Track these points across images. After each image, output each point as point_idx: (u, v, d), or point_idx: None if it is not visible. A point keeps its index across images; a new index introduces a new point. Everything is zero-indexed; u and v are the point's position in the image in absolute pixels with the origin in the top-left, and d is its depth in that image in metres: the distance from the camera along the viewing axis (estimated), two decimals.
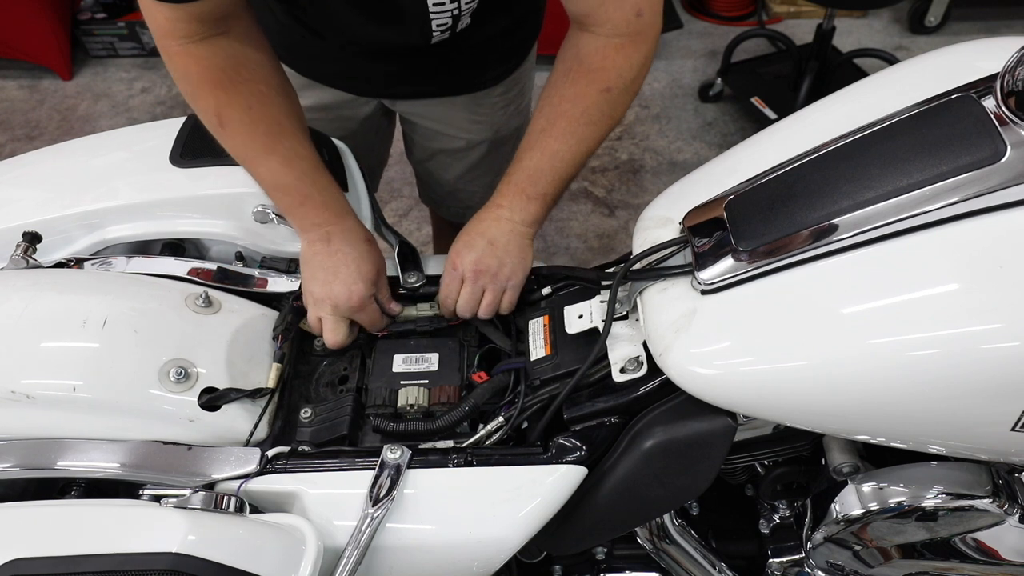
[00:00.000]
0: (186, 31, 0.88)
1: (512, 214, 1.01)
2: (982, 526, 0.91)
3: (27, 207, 1.05)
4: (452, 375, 0.98)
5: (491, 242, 1.00)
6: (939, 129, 0.77)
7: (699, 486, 0.90)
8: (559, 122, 0.98)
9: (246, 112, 0.94)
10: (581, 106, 0.97)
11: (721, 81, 2.86)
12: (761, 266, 0.80)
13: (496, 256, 0.99)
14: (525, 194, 1.00)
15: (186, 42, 0.89)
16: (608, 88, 0.97)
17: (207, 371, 0.90)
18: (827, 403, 0.77)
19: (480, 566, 0.86)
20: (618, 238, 2.47)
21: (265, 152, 0.96)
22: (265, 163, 0.97)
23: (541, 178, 1.00)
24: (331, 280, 0.98)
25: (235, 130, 0.95)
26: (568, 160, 0.99)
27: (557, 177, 1.00)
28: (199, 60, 0.91)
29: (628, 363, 0.89)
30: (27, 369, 0.85)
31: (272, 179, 0.98)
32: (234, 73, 0.93)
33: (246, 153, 0.97)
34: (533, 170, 1.00)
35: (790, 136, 0.92)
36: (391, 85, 1.26)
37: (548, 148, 0.99)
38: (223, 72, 0.92)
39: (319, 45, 1.15)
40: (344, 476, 0.86)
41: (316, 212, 0.99)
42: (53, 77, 3.03)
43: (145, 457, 0.85)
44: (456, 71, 1.22)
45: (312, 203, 0.99)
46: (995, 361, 0.70)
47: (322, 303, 0.98)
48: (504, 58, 1.26)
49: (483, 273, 0.99)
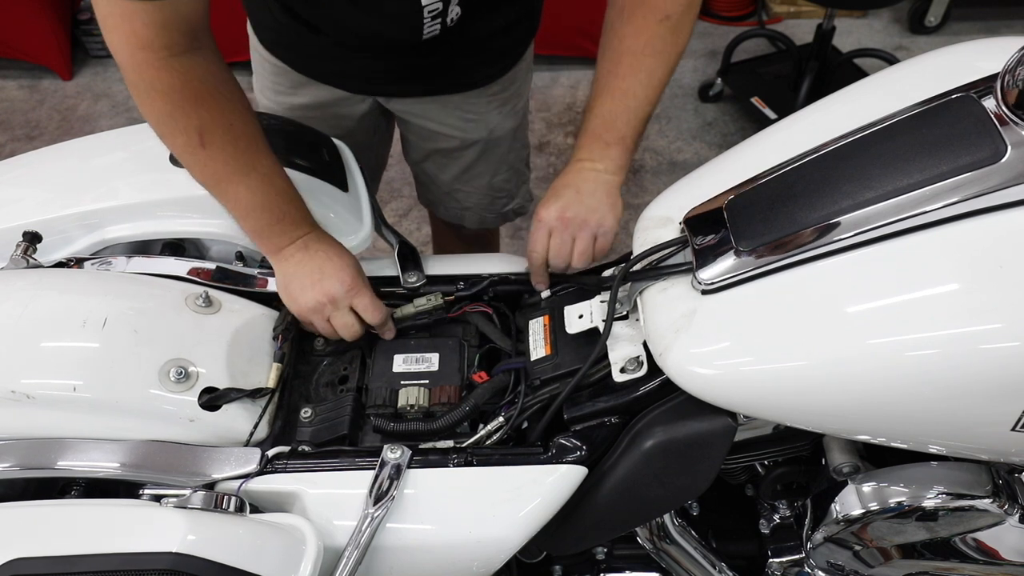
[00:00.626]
0: (166, 40, 0.84)
1: (594, 164, 0.99)
2: (982, 526, 0.91)
3: (27, 207, 1.05)
4: (452, 375, 0.98)
5: (577, 190, 0.99)
6: (939, 129, 0.77)
7: (699, 486, 0.90)
8: (624, 59, 0.97)
9: (228, 130, 0.91)
10: (643, 39, 0.96)
11: (721, 81, 2.86)
12: (761, 266, 0.80)
13: (583, 203, 0.98)
14: (603, 140, 0.99)
15: (167, 55, 0.85)
16: (667, 16, 0.95)
17: (207, 371, 0.90)
18: (827, 403, 0.78)
19: (480, 566, 0.86)
20: (618, 238, 2.46)
21: (246, 170, 0.94)
22: (245, 181, 0.95)
23: (616, 121, 0.98)
24: (319, 278, 0.97)
25: (217, 148, 0.92)
26: (641, 96, 0.98)
27: (633, 117, 0.98)
28: (181, 74, 0.87)
29: (628, 363, 0.89)
30: (27, 369, 0.85)
31: (251, 198, 0.96)
32: (214, 90, 0.90)
33: (226, 172, 0.94)
34: (607, 115, 0.98)
35: (790, 136, 0.92)
36: (385, 83, 1.26)
37: (617, 88, 0.97)
38: (204, 87, 0.89)
39: (314, 42, 1.15)
40: (344, 476, 0.86)
41: (294, 227, 0.99)
42: (53, 77, 3.03)
43: (145, 457, 0.85)
44: (449, 69, 1.22)
45: (290, 219, 0.98)
46: (995, 361, 0.70)
47: (320, 305, 0.97)
48: (498, 57, 1.26)
49: (571, 221, 0.98)
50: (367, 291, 0.99)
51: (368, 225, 1.12)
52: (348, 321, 0.98)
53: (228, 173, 0.94)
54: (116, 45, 0.85)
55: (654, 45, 0.96)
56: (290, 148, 1.08)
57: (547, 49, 1.16)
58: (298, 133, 1.14)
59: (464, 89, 1.26)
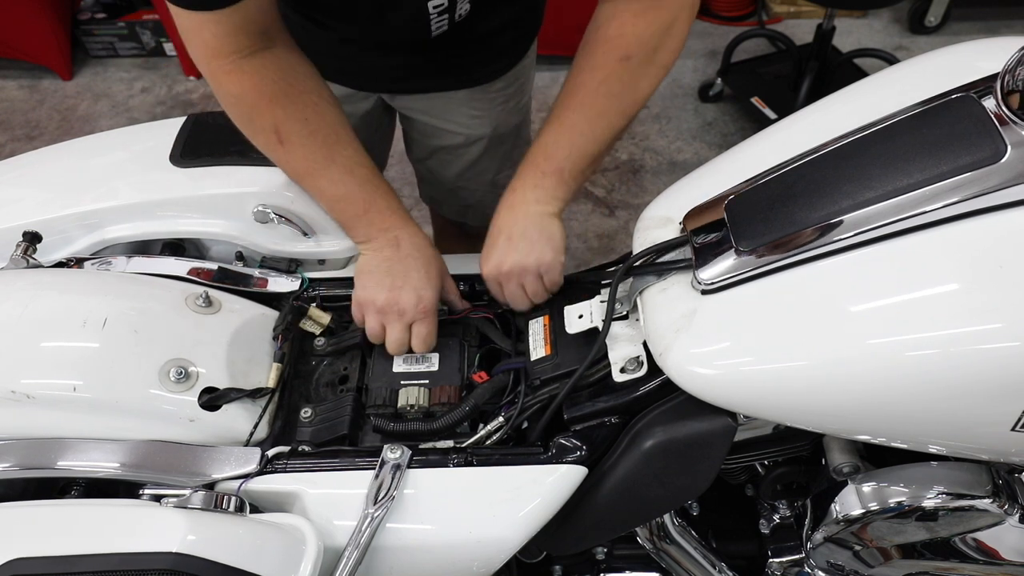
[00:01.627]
0: (235, 46, 0.87)
1: (524, 195, 0.98)
2: (982, 526, 0.91)
3: (27, 207, 1.05)
4: (452, 375, 0.98)
5: (508, 238, 0.98)
6: (939, 129, 0.77)
7: (699, 486, 0.90)
8: (577, 94, 0.96)
9: (304, 125, 0.93)
10: (599, 76, 0.94)
11: (721, 81, 2.86)
12: (761, 266, 0.80)
13: (518, 249, 0.97)
14: (540, 169, 0.98)
15: (237, 58, 0.88)
16: (627, 56, 0.93)
17: (207, 371, 0.90)
18: (827, 403, 0.77)
19: (480, 566, 0.86)
20: (618, 238, 2.47)
21: (326, 163, 0.95)
22: (326, 174, 0.96)
23: (557, 151, 0.97)
24: (400, 286, 0.96)
25: (295, 144, 0.94)
26: (587, 133, 0.96)
27: (575, 152, 0.96)
28: (252, 76, 0.89)
29: (628, 363, 0.89)
30: (27, 369, 0.85)
31: (334, 190, 0.97)
32: (287, 86, 0.92)
33: (306, 167, 0.96)
34: (548, 145, 0.97)
35: (790, 136, 0.92)
36: (392, 80, 1.26)
37: (565, 121, 0.96)
38: (277, 86, 0.91)
39: (321, 38, 1.15)
40: (344, 476, 0.86)
41: (382, 218, 0.99)
42: (53, 77, 3.03)
43: (145, 457, 0.85)
44: (456, 65, 1.22)
45: (377, 208, 0.98)
46: (995, 361, 0.70)
47: (388, 310, 0.96)
48: (504, 52, 1.26)
49: (511, 273, 0.98)
50: (434, 319, 0.99)
51: None
52: (401, 339, 0.97)
53: (308, 167, 0.96)
54: (195, 56, 0.89)
55: (609, 85, 0.94)
56: None
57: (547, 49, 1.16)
58: None
59: (471, 85, 1.26)
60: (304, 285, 1.06)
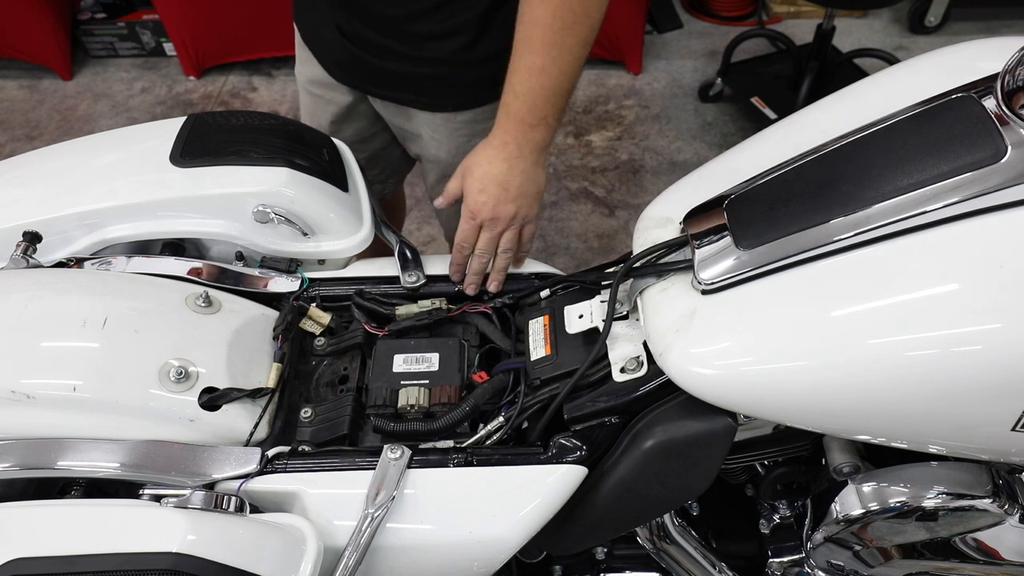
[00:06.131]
0: None
1: (520, 150, 1.00)
2: (982, 526, 0.91)
3: (27, 207, 1.05)
4: (452, 375, 0.98)
5: (504, 187, 1.00)
6: (939, 129, 0.77)
7: (699, 486, 0.90)
8: (534, 33, 0.95)
9: None
10: (550, 10, 0.93)
11: (721, 81, 2.86)
12: (761, 266, 0.80)
13: (512, 201, 1.01)
14: (526, 123, 0.99)
15: None
16: None
17: (207, 371, 0.90)
18: (827, 403, 0.77)
19: (480, 566, 0.86)
20: (618, 238, 2.47)
21: None
22: None
23: (537, 102, 0.98)
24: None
25: None
26: (556, 75, 0.96)
27: (553, 95, 0.98)
28: None
29: (628, 363, 0.89)
30: (27, 369, 0.85)
31: None
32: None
33: None
34: (526, 94, 0.97)
35: (790, 136, 0.92)
36: (363, 78, 1.25)
37: (533, 66, 0.96)
38: None
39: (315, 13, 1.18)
40: (344, 476, 0.86)
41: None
42: (53, 77, 3.03)
43: (145, 457, 0.85)
44: (423, 85, 1.20)
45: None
46: (995, 361, 0.70)
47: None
48: (472, 86, 1.21)
49: (499, 220, 1.01)
50: None
51: (368, 225, 1.12)
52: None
53: None
54: None
55: (564, 18, 0.94)
56: (290, 148, 1.08)
57: None
58: (298, 133, 1.14)
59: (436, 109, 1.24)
60: (304, 285, 1.06)
